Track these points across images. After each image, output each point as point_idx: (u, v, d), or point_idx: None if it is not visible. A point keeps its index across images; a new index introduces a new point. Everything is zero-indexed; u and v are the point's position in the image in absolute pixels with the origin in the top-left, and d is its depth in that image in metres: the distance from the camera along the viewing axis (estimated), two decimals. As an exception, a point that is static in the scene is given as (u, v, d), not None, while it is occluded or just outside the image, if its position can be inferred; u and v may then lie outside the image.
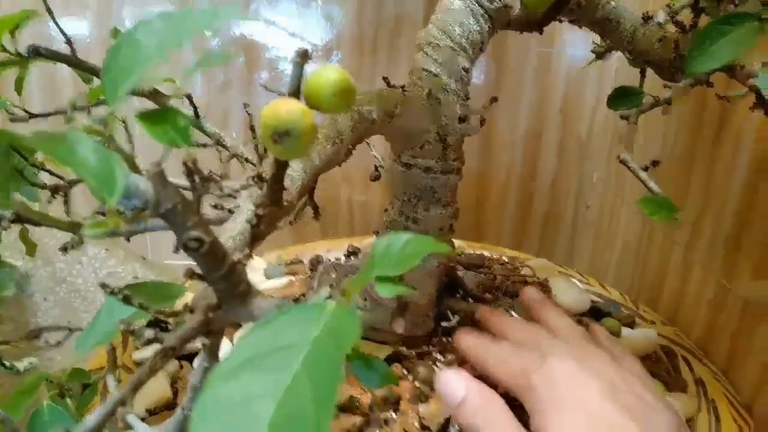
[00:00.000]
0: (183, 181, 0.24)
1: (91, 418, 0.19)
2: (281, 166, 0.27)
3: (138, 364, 0.46)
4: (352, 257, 0.62)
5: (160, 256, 0.81)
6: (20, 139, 0.38)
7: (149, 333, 0.22)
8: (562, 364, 0.31)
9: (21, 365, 0.28)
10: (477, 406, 0.32)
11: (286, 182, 0.31)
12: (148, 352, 0.47)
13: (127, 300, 0.23)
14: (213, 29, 0.22)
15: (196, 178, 0.20)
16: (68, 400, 0.34)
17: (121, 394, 0.20)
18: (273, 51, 0.81)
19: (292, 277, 0.57)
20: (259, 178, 0.27)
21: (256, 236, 0.28)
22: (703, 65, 0.27)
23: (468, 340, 0.38)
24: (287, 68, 0.81)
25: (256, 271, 0.58)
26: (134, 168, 0.20)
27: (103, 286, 0.22)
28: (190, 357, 0.47)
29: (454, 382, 0.33)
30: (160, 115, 0.19)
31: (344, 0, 0.78)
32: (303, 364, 0.17)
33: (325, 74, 0.24)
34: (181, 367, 0.46)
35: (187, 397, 0.28)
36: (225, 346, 0.46)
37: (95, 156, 0.17)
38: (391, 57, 0.80)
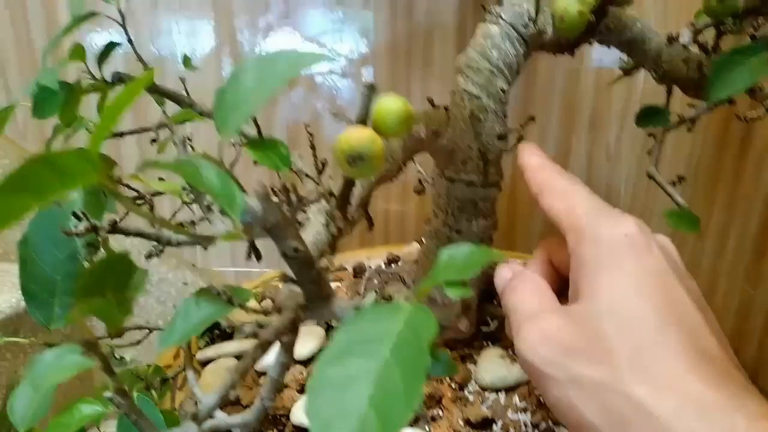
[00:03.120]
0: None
1: (210, 397, 0.23)
2: (349, 185, 0.31)
3: (202, 363, 0.50)
4: (392, 264, 0.65)
5: (209, 263, 0.86)
6: (110, 161, 0.42)
7: (248, 327, 0.26)
8: (638, 226, 0.28)
9: (127, 357, 0.32)
10: (516, 283, 0.31)
11: (348, 197, 0.34)
12: (209, 352, 0.51)
13: (230, 300, 0.27)
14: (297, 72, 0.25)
15: (293, 197, 0.24)
16: (153, 392, 0.38)
17: (231, 379, 0.24)
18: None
19: (339, 283, 0.61)
20: (330, 194, 0.31)
21: (333, 245, 0.32)
22: (723, 91, 0.30)
23: (534, 159, 0.33)
24: (323, 81, 0.86)
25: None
26: (240, 188, 0.24)
27: (210, 288, 0.26)
28: (247, 357, 0.51)
29: (503, 270, 0.33)
30: (266, 144, 0.23)
31: (377, 13, 0.82)
32: (391, 353, 0.20)
33: (389, 104, 0.28)
34: (241, 365, 0.50)
35: (266, 387, 0.32)
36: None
37: (218, 179, 0.21)
38: (425, 68, 0.84)
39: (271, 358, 0.53)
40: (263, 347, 0.26)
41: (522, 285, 0.30)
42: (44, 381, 0.29)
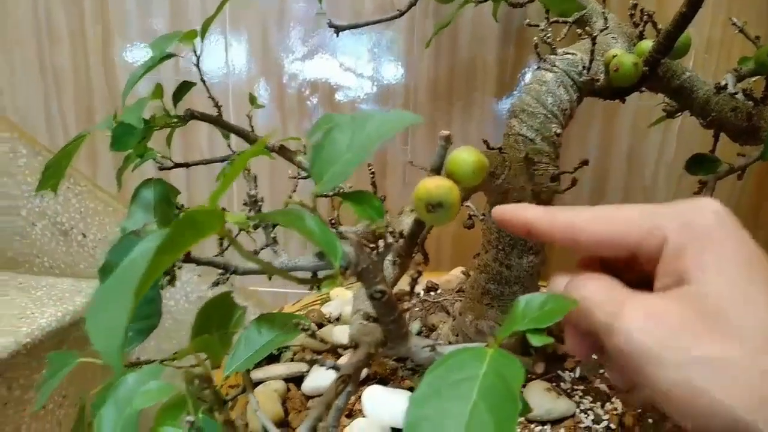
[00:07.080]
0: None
1: (301, 429, 0.25)
2: (420, 227, 0.32)
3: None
4: (431, 292, 0.67)
5: (246, 282, 0.88)
6: (175, 189, 0.44)
7: (329, 363, 0.27)
8: (719, 204, 0.27)
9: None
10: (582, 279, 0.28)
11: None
12: (259, 374, 0.52)
13: (313, 335, 0.28)
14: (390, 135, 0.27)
15: (381, 244, 0.25)
16: (216, 414, 0.39)
17: (318, 412, 0.25)
18: (349, 92, 0.88)
19: (380, 310, 0.62)
20: (400, 235, 0.33)
21: (396, 280, 0.34)
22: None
23: (532, 210, 0.30)
24: (362, 107, 0.88)
25: (347, 303, 0.64)
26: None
27: (304, 329, 0.28)
28: (295, 379, 0.53)
29: (558, 278, 0.31)
30: (361, 196, 0.25)
31: (420, 45, 0.84)
32: (479, 395, 0.22)
33: (464, 155, 0.30)
34: (288, 389, 0.52)
35: (332, 415, 0.34)
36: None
37: (318, 228, 0.23)
38: (466, 102, 0.86)
39: (315, 382, 0.54)
40: (344, 381, 0.27)
41: (592, 278, 0.28)
42: (129, 405, 0.31)
